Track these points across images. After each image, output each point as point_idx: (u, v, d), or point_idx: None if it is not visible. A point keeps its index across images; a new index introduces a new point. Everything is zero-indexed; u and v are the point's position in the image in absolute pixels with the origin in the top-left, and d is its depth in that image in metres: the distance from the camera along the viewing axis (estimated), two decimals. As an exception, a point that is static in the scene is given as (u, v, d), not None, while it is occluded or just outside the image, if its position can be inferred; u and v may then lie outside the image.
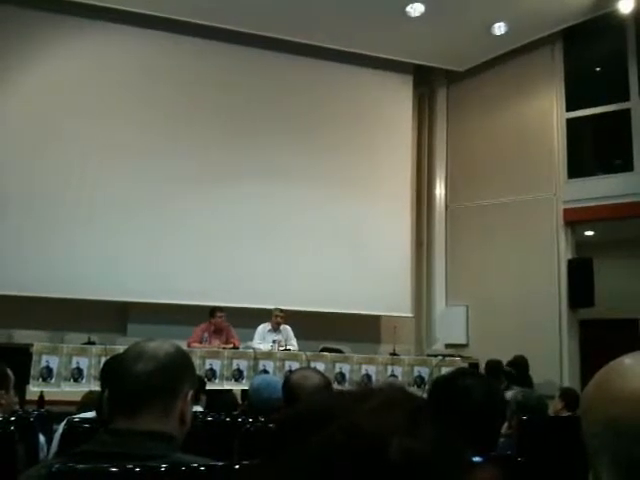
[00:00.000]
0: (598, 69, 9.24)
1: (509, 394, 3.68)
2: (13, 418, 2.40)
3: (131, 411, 1.31)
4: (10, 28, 7.83)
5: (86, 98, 7.98)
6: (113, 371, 1.43)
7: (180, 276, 7.85)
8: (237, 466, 1.41)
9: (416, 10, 8.07)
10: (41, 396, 5.82)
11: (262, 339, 6.94)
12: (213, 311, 6.83)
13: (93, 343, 6.33)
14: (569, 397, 4.44)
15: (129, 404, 1.32)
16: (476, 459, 1.43)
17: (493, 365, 6.58)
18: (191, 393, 1.40)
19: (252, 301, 7.74)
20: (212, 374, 6.20)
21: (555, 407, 4.50)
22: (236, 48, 8.62)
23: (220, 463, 1.36)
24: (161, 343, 1.41)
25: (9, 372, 2.89)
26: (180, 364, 1.39)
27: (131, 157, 8.05)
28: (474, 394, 1.71)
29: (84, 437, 1.48)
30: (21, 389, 5.05)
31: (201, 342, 6.62)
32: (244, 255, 8.18)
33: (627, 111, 8.37)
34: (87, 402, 3.56)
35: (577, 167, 8.73)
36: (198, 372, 6.05)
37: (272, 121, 8.70)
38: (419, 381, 6.85)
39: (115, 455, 1.25)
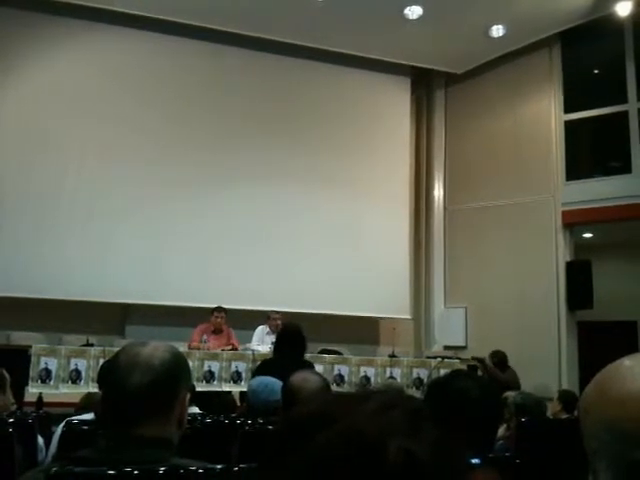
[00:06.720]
0: (596, 71, 9.25)
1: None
2: (12, 420, 2.40)
3: (130, 421, 1.30)
4: (8, 30, 7.83)
5: (83, 100, 7.98)
6: (108, 383, 1.37)
7: (178, 278, 7.85)
8: (236, 469, 1.41)
9: (414, 12, 8.09)
10: (40, 398, 5.80)
11: (260, 341, 6.92)
12: (212, 311, 6.85)
13: (91, 345, 6.31)
14: (567, 399, 4.45)
15: (128, 416, 1.30)
16: (474, 461, 1.43)
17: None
18: (188, 395, 1.39)
19: (250, 303, 7.73)
20: (211, 376, 6.19)
21: (554, 409, 4.51)
22: (234, 50, 8.62)
23: (219, 466, 1.36)
24: (154, 349, 1.35)
25: (4, 372, 2.89)
26: (176, 370, 1.36)
27: (129, 159, 8.04)
28: (470, 395, 1.71)
29: (83, 439, 1.48)
30: (20, 391, 5.04)
31: (200, 342, 6.61)
32: (242, 257, 8.18)
33: (625, 113, 8.37)
34: (85, 404, 3.56)
35: (575, 169, 8.73)
36: (197, 374, 6.05)
37: (270, 123, 8.70)
38: (418, 383, 6.84)
39: (113, 462, 1.25)
